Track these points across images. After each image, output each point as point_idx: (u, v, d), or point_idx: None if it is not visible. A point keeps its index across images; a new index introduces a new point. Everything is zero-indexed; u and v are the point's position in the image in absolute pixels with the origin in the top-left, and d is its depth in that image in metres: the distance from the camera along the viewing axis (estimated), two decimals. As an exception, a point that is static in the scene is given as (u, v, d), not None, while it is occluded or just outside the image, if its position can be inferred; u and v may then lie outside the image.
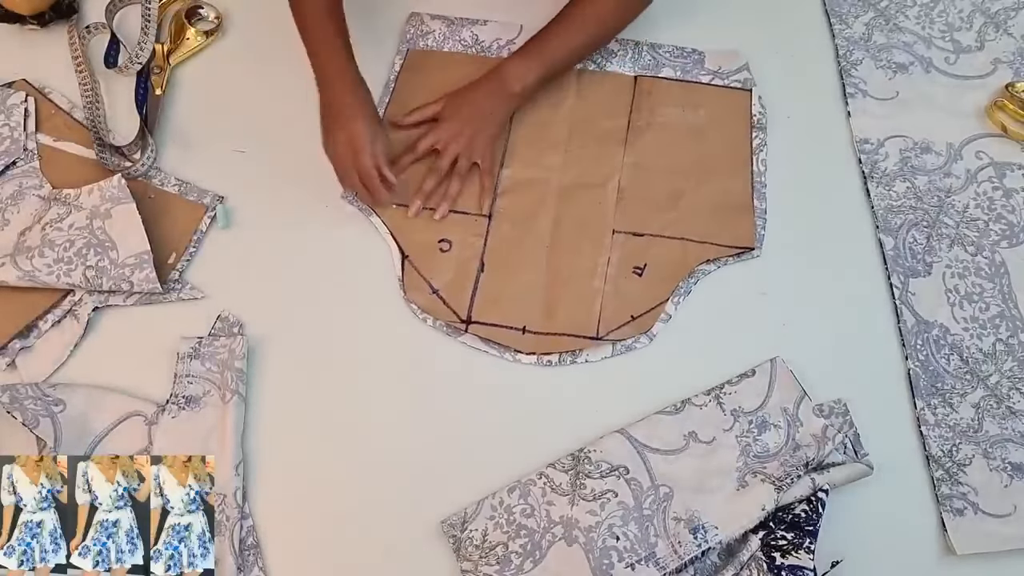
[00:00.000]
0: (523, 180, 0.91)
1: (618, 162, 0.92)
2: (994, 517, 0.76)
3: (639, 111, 0.96)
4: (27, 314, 0.80)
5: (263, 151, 0.91)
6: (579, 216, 0.89)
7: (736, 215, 0.89)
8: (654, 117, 0.95)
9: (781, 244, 0.89)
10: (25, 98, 0.90)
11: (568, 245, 0.88)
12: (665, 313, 0.84)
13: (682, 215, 0.89)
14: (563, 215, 0.89)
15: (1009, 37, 1.02)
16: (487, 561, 0.72)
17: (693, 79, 0.98)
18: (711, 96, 0.97)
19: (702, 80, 0.98)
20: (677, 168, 0.92)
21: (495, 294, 0.85)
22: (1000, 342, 0.84)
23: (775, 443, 0.76)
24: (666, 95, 0.97)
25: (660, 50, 1.00)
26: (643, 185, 0.91)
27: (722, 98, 0.97)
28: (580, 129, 0.94)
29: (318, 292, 0.84)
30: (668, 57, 1.00)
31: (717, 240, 0.88)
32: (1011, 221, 0.90)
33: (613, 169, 0.92)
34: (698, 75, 0.98)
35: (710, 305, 0.85)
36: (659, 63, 0.99)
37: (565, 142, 0.93)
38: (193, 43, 0.97)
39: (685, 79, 0.98)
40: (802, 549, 0.69)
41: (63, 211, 0.83)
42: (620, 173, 0.92)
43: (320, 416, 0.79)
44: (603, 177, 0.91)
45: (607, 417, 0.78)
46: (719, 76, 0.98)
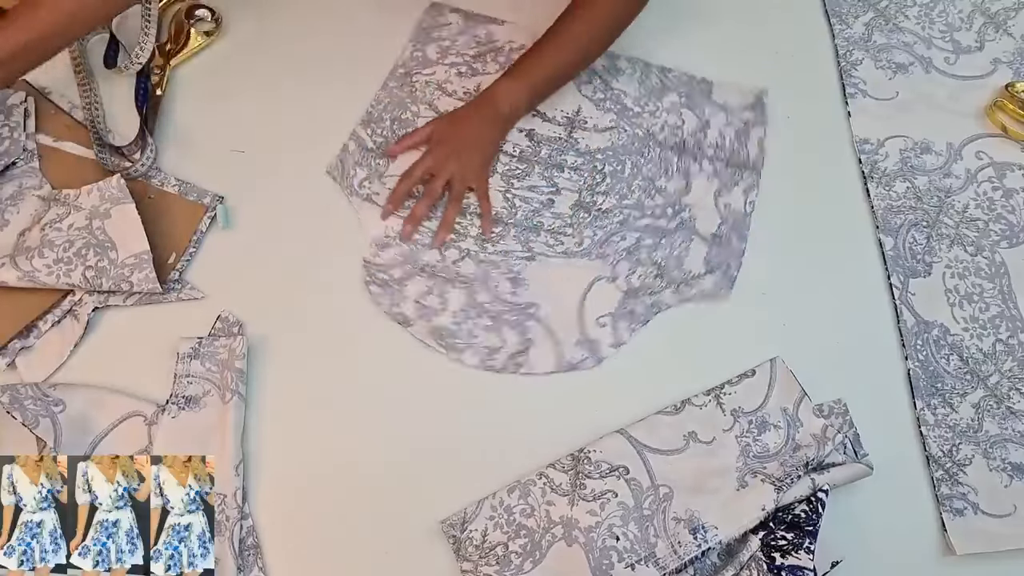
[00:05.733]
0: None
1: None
2: (994, 517, 0.76)
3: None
4: (27, 314, 0.80)
5: (263, 151, 0.91)
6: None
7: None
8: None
9: (781, 244, 0.89)
10: (25, 98, 0.90)
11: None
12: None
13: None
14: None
15: (1009, 37, 1.02)
16: (487, 561, 0.72)
17: (699, 111, 0.95)
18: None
19: (707, 112, 0.95)
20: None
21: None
22: (1000, 342, 0.84)
23: (775, 443, 0.76)
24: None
25: (669, 75, 0.97)
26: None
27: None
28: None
29: (318, 292, 0.84)
30: (675, 83, 0.97)
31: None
32: (1011, 221, 0.90)
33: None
34: (703, 107, 0.95)
35: (710, 305, 0.85)
36: (665, 87, 0.97)
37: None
38: (193, 43, 0.97)
39: (688, 107, 0.95)
40: (802, 549, 0.69)
41: (62, 211, 0.83)
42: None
43: (320, 416, 0.79)
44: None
45: (607, 417, 0.78)
46: (725, 110, 0.95)
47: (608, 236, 0.87)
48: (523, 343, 0.82)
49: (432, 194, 0.87)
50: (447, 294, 0.84)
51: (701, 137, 0.93)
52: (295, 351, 0.81)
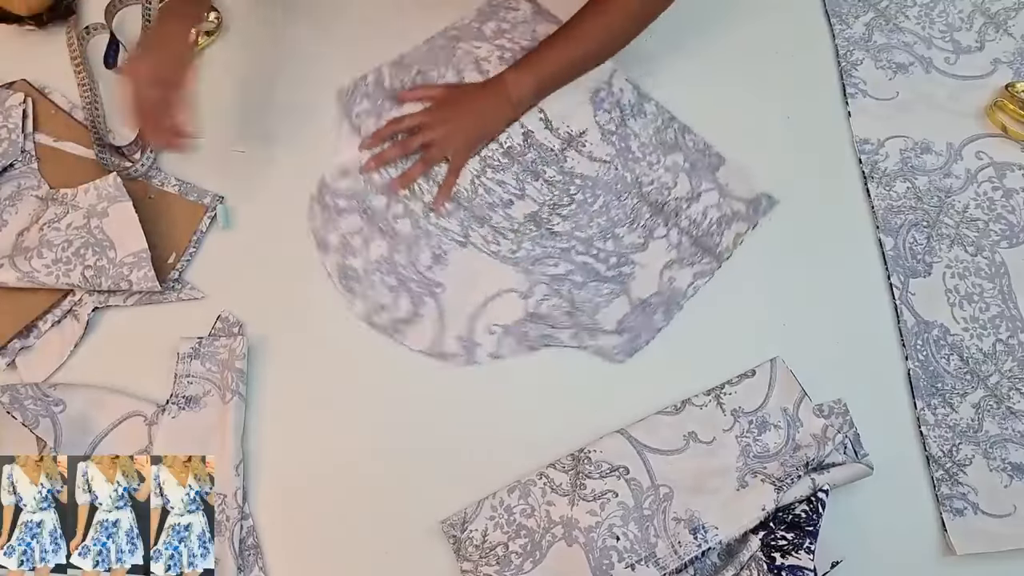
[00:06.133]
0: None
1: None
2: (994, 517, 0.76)
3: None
4: (27, 314, 0.80)
5: (263, 151, 0.91)
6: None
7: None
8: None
9: (781, 244, 0.89)
10: (24, 99, 0.90)
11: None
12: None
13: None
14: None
15: (1009, 37, 1.02)
16: (487, 561, 0.72)
17: (696, 182, 0.90)
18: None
19: (703, 186, 0.90)
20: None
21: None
22: (1000, 342, 0.84)
23: (775, 443, 0.76)
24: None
25: (686, 136, 0.93)
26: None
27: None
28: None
29: (318, 292, 0.84)
30: (688, 146, 0.92)
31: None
32: (1011, 221, 0.90)
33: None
34: (702, 180, 0.91)
35: (710, 305, 0.85)
36: (676, 146, 0.92)
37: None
38: (193, 43, 0.97)
39: (688, 173, 0.91)
40: (802, 549, 0.69)
41: (60, 211, 0.83)
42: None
43: (320, 416, 0.79)
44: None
45: (607, 417, 0.78)
46: (721, 192, 0.90)
47: (543, 256, 0.86)
48: (411, 314, 0.83)
49: (407, 146, 0.88)
50: (372, 241, 0.86)
51: (684, 206, 0.89)
52: (295, 351, 0.81)
